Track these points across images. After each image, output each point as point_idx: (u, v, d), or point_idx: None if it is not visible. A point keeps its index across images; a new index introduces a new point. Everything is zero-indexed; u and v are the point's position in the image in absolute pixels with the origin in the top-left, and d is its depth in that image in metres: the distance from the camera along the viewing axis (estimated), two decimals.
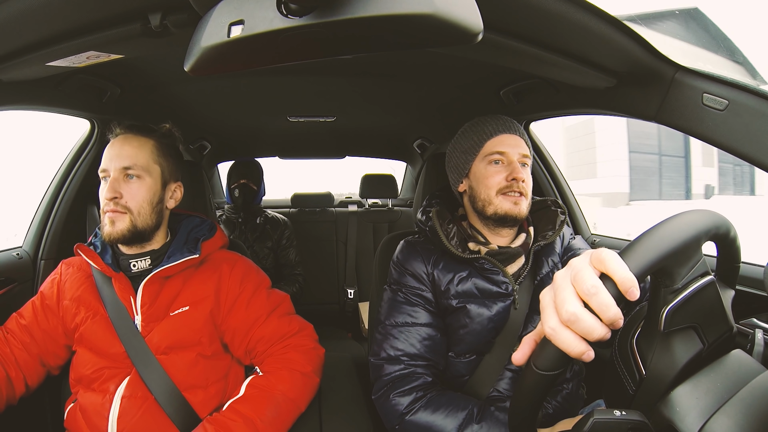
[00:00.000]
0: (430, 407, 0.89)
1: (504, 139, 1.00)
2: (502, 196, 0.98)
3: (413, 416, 0.89)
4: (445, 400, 0.90)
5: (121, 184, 0.98)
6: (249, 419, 0.88)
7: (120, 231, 0.97)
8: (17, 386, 0.98)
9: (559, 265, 1.06)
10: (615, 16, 0.77)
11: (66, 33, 0.76)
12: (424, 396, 0.91)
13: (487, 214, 1.00)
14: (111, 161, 0.99)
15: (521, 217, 0.99)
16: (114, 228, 0.97)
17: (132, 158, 0.99)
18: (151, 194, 1.01)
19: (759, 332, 0.62)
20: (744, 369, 0.51)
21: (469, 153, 1.03)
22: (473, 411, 0.87)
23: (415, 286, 1.00)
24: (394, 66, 1.38)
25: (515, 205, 0.97)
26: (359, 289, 2.61)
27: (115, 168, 0.98)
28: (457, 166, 1.07)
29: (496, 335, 0.97)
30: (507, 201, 0.98)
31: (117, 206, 0.97)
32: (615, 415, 0.47)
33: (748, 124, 0.80)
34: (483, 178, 1.00)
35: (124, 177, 0.98)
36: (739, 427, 0.44)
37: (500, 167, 0.99)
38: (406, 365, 0.94)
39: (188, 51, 0.52)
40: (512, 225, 1.01)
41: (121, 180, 0.98)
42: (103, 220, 0.98)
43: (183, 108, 1.71)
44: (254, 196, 2.32)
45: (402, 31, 0.47)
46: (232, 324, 1.02)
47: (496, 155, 1.00)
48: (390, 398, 0.92)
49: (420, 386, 0.92)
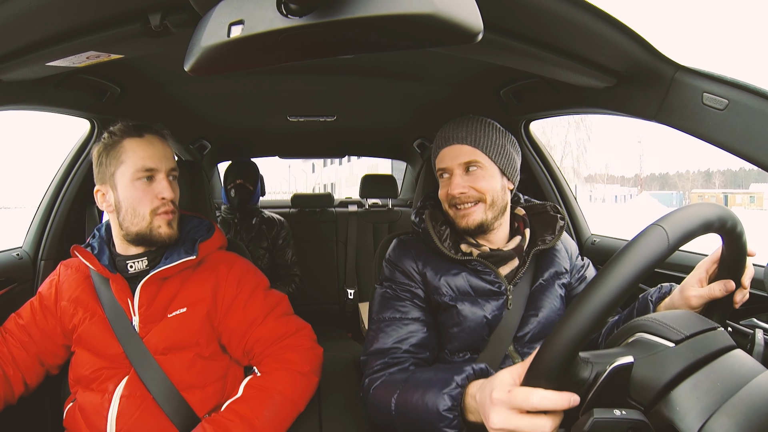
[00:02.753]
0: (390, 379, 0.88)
1: (445, 154, 1.00)
2: (454, 209, 0.99)
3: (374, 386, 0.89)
4: (409, 371, 0.89)
5: (172, 185, 1.01)
6: (247, 419, 0.88)
7: (176, 231, 1.02)
8: (15, 385, 0.98)
9: (565, 277, 1.06)
10: (615, 16, 0.77)
11: (66, 33, 0.76)
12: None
13: (455, 226, 1.01)
14: (161, 162, 0.99)
15: (477, 225, 0.97)
16: (173, 229, 1.01)
17: (173, 159, 1.03)
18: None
19: (759, 332, 0.63)
20: (744, 369, 0.51)
21: (434, 168, 1.06)
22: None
23: (405, 282, 1.00)
24: (394, 66, 1.38)
25: (462, 218, 0.98)
26: (359, 290, 2.61)
27: (166, 168, 1.00)
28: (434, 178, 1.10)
29: (490, 334, 0.98)
30: (457, 214, 0.99)
31: (174, 206, 1.01)
32: (615, 415, 0.47)
33: (748, 124, 0.80)
34: (439, 192, 1.03)
35: (170, 177, 1.01)
36: (739, 427, 0.44)
37: (446, 180, 1.01)
38: (391, 357, 0.93)
39: (188, 51, 0.52)
40: (481, 233, 1.00)
41: (169, 181, 1.01)
42: (157, 221, 0.98)
43: (183, 108, 1.71)
44: (250, 197, 2.33)
45: (402, 31, 0.47)
46: (229, 325, 1.02)
47: (441, 171, 1.01)
48: (365, 384, 0.92)
49: (395, 371, 0.91)
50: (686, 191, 49.41)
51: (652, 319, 0.58)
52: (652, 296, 0.91)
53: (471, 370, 0.72)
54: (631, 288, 0.47)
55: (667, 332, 0.55)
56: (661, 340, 0.55)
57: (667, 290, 0.89)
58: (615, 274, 0.47)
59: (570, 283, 1.08)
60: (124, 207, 0.98)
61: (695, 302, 0.75)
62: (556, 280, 1.05)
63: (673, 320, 0.57)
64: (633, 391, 0.52)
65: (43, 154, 51.99)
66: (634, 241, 0.49)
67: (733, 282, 0.71)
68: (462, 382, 0.70)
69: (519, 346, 0.99)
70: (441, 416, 0.70)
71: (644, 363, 0.52)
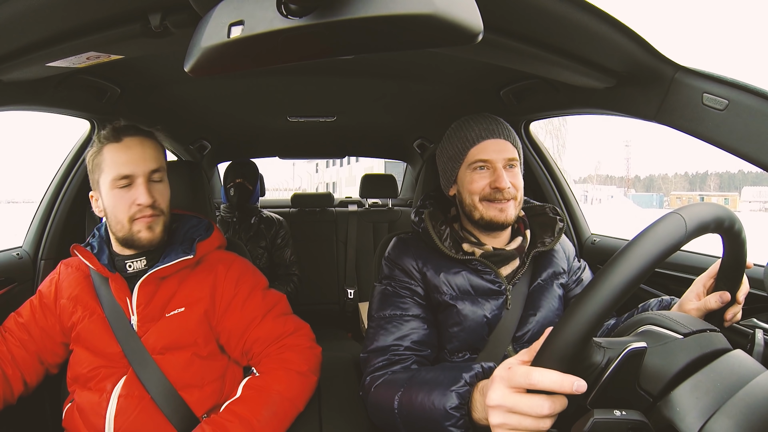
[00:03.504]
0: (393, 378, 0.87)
1: (488, 146, 0.97)
2: (487, 202, 0.97)
3: (375, 386, 0.88)
4: (412, 370, 0.88)
5: (152, 188, 0.98)
6: (246, 420, 0.88)
7: (158, 234, 0.99)
8: (15, 385, 0.98)
9: (563, 277, 1.07)
10: (615, 16, 0.77)
11: (66, 33, 0.76)
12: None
13: (474, 218, 0.99)
14: (137, 165, 0.97)
15: (508, 222, 0.98)
16: (154, 233, 0.99)
17: (156, 161, 1.00)
18: (169, 194, 1.04)
19: (759, 332, 0.63)
20: (744, 369, 0.51)
21: (455, 160, 1.01)
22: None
23: (404, 280, 1.00)
24: (394, 66, 1.38)
25: (500, 212, 0.96)
26: (359, 289, 2.61)
27: (144, 172, 0.97)
28: (444, 172, 1.06)
29: (490, 333, 0.98)
30: (492, 208, 0.96)
31: (155, 210, 0.98)
32: (615, 415, 0.47)
33: (748, 124, 0.80)
34: (468, 184, 0.99)
35: (152, 180, 0.99)
36: (739, 427, 0.44)
37: (484, 173, 0.97)
38: (392, 354, 0.93)
39: (188, 51, 0.52)
40: (500, 229, 1.00)
41: (150, 184, 0.98)
42: (136, 226, 0.97)
43: (183, 108, 1.71)
44: (249, 196, 2.33)
45: (402, 31, 0.47)
46: (227, 326, 1.02)
47: (480, 162, 0.98)
48: (365, 382, 0.91)
49: (398, 369, 0.91)
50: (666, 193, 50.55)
51: (658, 314, 0.59)
52: (653, 308, 0.92)
53: (480, 367, 0.70)
54: (649, 271, 0.47)
55: (674, 326, 0.56)
56: (670, 332, 0.55)
57: (667, 303, 0.90)
58: (634, 256, 0.47)
59: (567, 284, 1.08)
60: (108, 214, 1.00)
61: (693, 315, 0.77)
62: (554, 280, 1.05)
63: (678, 317, 0.58)
64: (643, 379, 0.51)
65: (49, 150, 52.00)
66: (654, 225, 0.49)
67: (728, 294, 0.72)
68: (471, 380, 0.69)
69: (518, 346, 0.99)
70: (447, 414, 0.68)
71: (654, 352, 0.52)
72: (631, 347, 0.49)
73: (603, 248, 1.59)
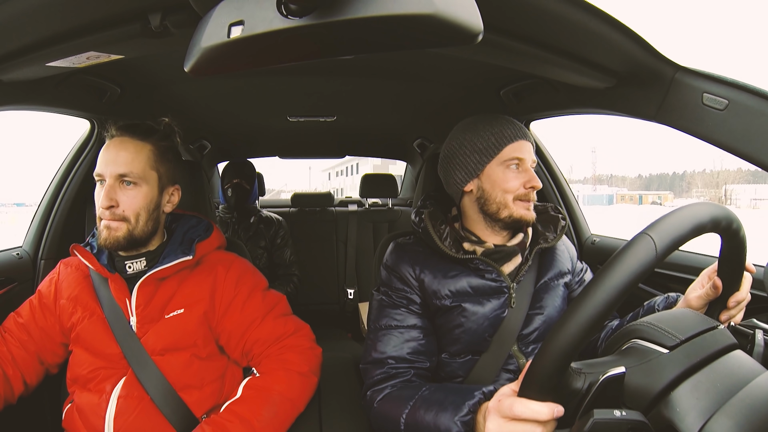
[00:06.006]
0: (397, 394, 0.88)
1: (522, 146, 0.98)
2: (519, 201, 0.98)
3: (378, 402, 0.89)
4: (415, 387, 0.89)
5: (117, 192, 0.94)
6: (246, 420, 0.88)
7: (115, 238, 0.95)
8: (15, 385, 0.98)
9: (568, 277, 1.07)
10: (615, 16, 0.77)
11: (66, 33, 0.76)
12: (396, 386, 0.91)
13: (500, 217, 0.98)
14: (106, 166, 0.95)
15: (532, 221, 1.00)
16: (110, 235, 0.94)
17: (128, 165, 0.94)
18: (147, 201, 0.97)
19: (759, 332, 0.62)
20: (744, 369, 0.51)
21: (485, 154, 0.99)
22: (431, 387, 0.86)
23: (400, 288, 1.00)
24: (394, 66, 1.38)
25: (528, 211, 0.98)
26: (359, 289, 2.61)
27: (111, 174, 0.94)
28: (466, 165, 1.01)
29: (493, 333, 0.97)
30: (522, 207, 0.98)
31: (113, 215, 0.94)
32: (615, 415, 0.47)
33: (748, 124, 0.80)
34: (501, 182, 0.98)
35: (120, 184, 0.95)
36: (739, 428, 0.44)
37: (518, 173, 0.98)
38: (390, 368, 0.94)
39: (188, 51, 0.52)
40: (522, 228, 1.02)
41: (117, 187, 0.94)
42: (99, 225, 0.96)
43: (183, 108, 1.71)
44: (247, 196, 2.33)
45: (402, 31, 0.47)
46: (227, 327, 1.02)
47: (515, 161, 0.98)
48: (367, 397, 0.93)
49: (397, 383, 0.92)
50: (616, 192, 57.98)
51: (647, 323, 0.58)
52: (659, 305, 0.91)
53: (481, 394, 0.73)
54: (620, 300, 0.48)
55: (661, 338, 0.55)
56: (655, 346, 0.55)
57: (673, 299, 0.89)
58: (602, 287, 0.48)
59: (570, 284, 1.08)
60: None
61: (696, 303, 0.78)
62: (560, 279, 1.05)
63: (669, 323, 0.57)
64: (627, 399, 0.52)
65: (56, 153, 51.95)
66: (622, 252, 0.49)
67: (720, 281, 0.73)
68: (473, 408, 0.72)
69: (523, 345, 0.98)
70: None
71: (638, 371, 0.53)
72: (609, 374, 0.50)
73: (603, 248, 1.59)
